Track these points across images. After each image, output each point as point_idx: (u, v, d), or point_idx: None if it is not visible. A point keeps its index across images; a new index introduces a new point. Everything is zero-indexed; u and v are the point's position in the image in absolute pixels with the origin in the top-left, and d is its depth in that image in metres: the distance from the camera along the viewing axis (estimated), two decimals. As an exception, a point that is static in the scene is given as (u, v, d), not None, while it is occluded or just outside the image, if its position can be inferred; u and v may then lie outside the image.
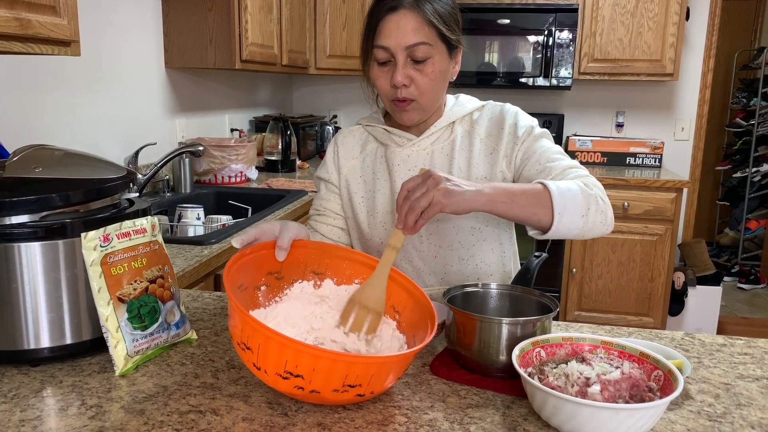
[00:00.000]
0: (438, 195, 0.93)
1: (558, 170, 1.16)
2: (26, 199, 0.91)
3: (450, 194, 0.94)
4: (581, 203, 1.04)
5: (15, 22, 1.22)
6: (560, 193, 1.02)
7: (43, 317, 0.94)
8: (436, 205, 0.94)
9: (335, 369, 0.78)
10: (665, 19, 3.33)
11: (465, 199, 0.96)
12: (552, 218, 1.02)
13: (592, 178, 1.14)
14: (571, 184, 1.05)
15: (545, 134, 1.26)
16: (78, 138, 2.08)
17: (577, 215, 1.04)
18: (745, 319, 4.02)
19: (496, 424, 0.82)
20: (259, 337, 0.80)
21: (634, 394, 0.80)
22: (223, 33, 2.49)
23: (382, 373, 0.82)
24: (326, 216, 1.34)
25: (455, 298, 1.03)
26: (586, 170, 1.17)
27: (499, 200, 0.99)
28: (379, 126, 1.31)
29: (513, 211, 1.01)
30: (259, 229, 1.03)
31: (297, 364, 0.78)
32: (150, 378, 0.93)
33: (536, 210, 1.02)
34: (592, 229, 1.07)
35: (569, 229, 1.04)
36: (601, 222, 1.07)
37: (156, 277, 1.01)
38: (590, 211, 1.05)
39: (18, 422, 0.81)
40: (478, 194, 0.97)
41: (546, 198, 1.02)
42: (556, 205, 1.02)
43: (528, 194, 1.02)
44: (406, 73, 1.15)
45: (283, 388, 0.82)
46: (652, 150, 3.65)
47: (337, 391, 0.80)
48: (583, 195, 1.05)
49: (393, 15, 1.14)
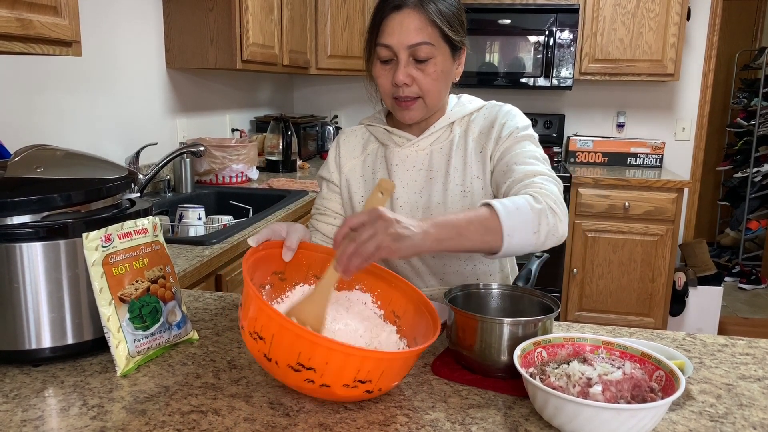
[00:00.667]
0: (387, 240, 0.88)
1: (519, 174, 1.13)
2: (28, 200, 0.91)
3: (398, 239, 0.89)
4: (531, 220, 1.00)
5: (16, 22, 1.22)
6: (507, 213, 0.98)
7: (45, 317, 0.94)
8: (384, 251, 0.88)
9: (348, 363, 0.79)
10: (666, 19, 3.33)
11: (413, 243, 0.91)
12: (501, 241, 0.98)
13: (549, 187, 1.08)
14: (518, 201, 1.02)
15: (530, 137, 1.22)
16: (79, 138, 2.08)
17: (529, 232, 1.00)
18: (746, 319, 4.02)
19: (498, 424, 0.82)
20: (273, 326, 0.80)
21: (635, 394, 0.80)
22: (224, 33, 2.49)
23: (392, 369, 0.83)
24: (327, 215, 1.34)
25: (456, 298, 1.03)
26: (550, 179, 1.12)
27: (446, 238, 0.95)
28: (380, 126, 1.31)
29: (462, 245, 0.97)
30: (270, 229, 1.03)
31: (311, 357, 0.78)
32: (151, 378, 0.93)
33: (485, 238, 0.98)
34: (545, 243, 1.04)
35: (522, 247, 1.01)
36: (553, 235, 1.04)
37: (157, 277, 1.01)
38: (541, 226, 1.01)
39: (20, 422, 0.81)
40: (424, 236, 0.92)
41: (494, 222, 0.98)
42: (504, 228, 0.97)
43: (474, 223, 0.97)
44: (407, 72, 1.15)
45: (293, 382, 0.82)
46: (653, 150, 3.65)
47: (347, 387, 0.80)
48: (532, 211, 1.01)
49: (397, 14, 1.14)
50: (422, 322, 0.98)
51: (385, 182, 0.99)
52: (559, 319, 3.37)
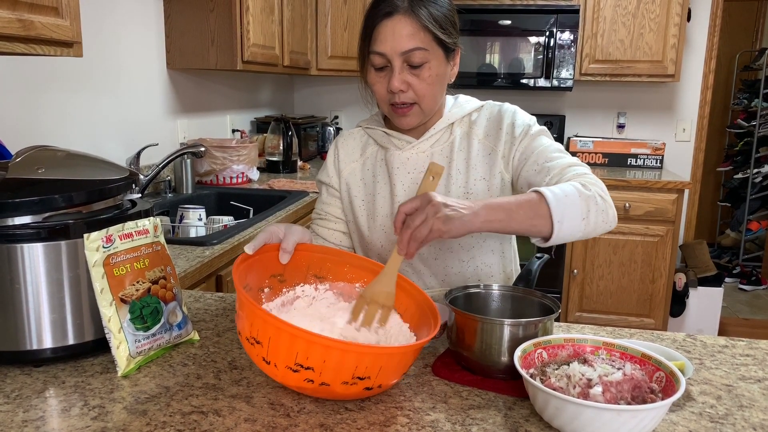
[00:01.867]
0: (438, 223, 0.93)
1: (557, 169, 1.15)
2: (29, 200, 0.92)
3: (449, 221, 0.94)
4: (580, 206, 1.03)
5: (17, 23, 1.22)
6: (557, 199, 1.01)
7: (46, 318, 0.94)
8: (435, 233, 0.94)
9: (346, 360, 0.79)
10: (666, 20, 3.33)
11: (463, 223, 0.95)
12: (552, 227, 1.01)
13: (591, 175, 1.12)
14: (567, 188, 1.04)
15: (543, 132, 1.24)
16: (80, 139, 2.08)
17: (578, 219, 1.02)
18: (747, 320, 4.02)
19: (498, 425, 0.82)
20: (270, 329, 0.80)
21: (636, 395, 0.80)
22: (225, 34, 2.49)
23: (390, 364, 0.83)
24: (328, 220, 1.34)
25: (457, 299, 1.03)
26: (586, 167, 1.16)
27: (496, 219, 0.98)
28: (378, 129, 1.31)
29: (511, 227, 1.00)
30: (267, 232, 1.03)
31: (308, 356, 0.79)
32: (152, 379, 0.94)
33: (534, 222, 1.01)
34: (595, 229, 1.06)
35: (572, 233, 1.03)
36: (603, 221, 1.07)
37: (158, 277, 1.02)
38: (590, 212, 1.04)
39: (21, 423, 0.81)
40: (474, 216, 0.96)
41: (543, 207, 1.00)
42: (554, 214, 1.00)
43: (524, 207, 1.00)
44: (402, 79, 1.15)
45: (293, 382, 0.83)
46: (654, 151, 3.65)
47: (347, 384, 0.81)
48: (581, 197, 1.03)
49: (388, 20, 1.13)
50: (423, 318, 0.98)
51: (434, 165, 1.01)
52: (560, 320, 3.37)
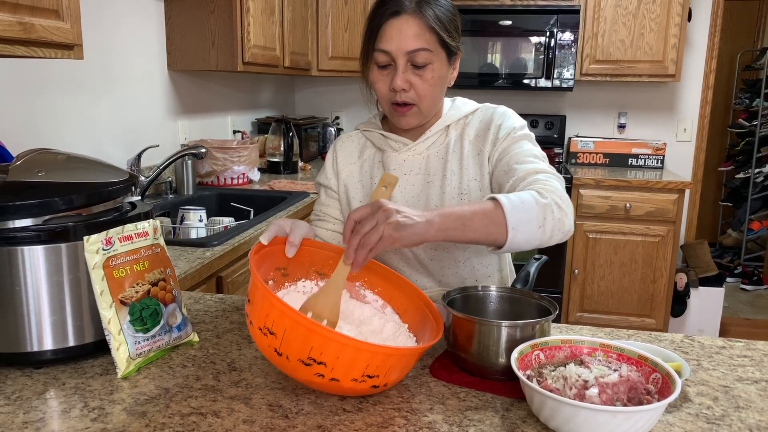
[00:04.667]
0: (388, 229, 0.90)
1: (521, 173, 1.13)
2: (29, 203, 0.92)
3: (400, 228, 0.91)
4: (536, 214, 1.01)
5: (18, 26, 1.23)
6: (513, 206, 0.99)
7: (46, 320, 0.95)
8: (386, 240, 0.91)
9: (359, 358, 0.81)
10: (667, 20, 3.33)
11: (415, 232, 0.93)
12: (506, 234, 0.99)
13: (553, 183, 1.10)
14: (524, 195, 1.02)
15: (527, 137, 1.23)
16: (81, 140, 2.09)
17: (534, 226, 1.01)
18: (748, 320, 4.02)
19: (495, 426, 0.82)
20: (286, 321, 0.81)
21: (632, 396, 0.81)
22: (225, 35, 2.50)
23: (399, 364, 0.85)
24: (326, 221, 1.35)
25: (455, 300, 1.03)
26: (553, 176, 1.13)
27: (450, 227, 0.96)
28: (376, 131, 1.32)
29: (466, 236, 0.98)
30: (276, 225, 1.04)
31: (322, 351, 0.80)
32: (152, 380, 0.94)
33: (490, 230, 0.99)
34: (551, 238, 1.04)
35: (527, 241, 1.01)
36: (558, 229, 1.04)
37: (158, 279, 1.02)
38: (546, 220, 1.02)
39: (21, 424, 0.81)
40: (428, 225, 0.94)
41: (499, 215, 0.99)
42: (509, 220, 0.98)
43: (479, 215, 0.98)
44: (405, 78, 1.16)
45: (302, 376, 0.84)
46: (655, 151, 3.65)
47: (356, 381, 0.82)
48: (537, 205, 1.01)
49: (395, 20, 1.14)
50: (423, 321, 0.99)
51: (388, 176, 1.01)
52: (560, 320, 3.37)
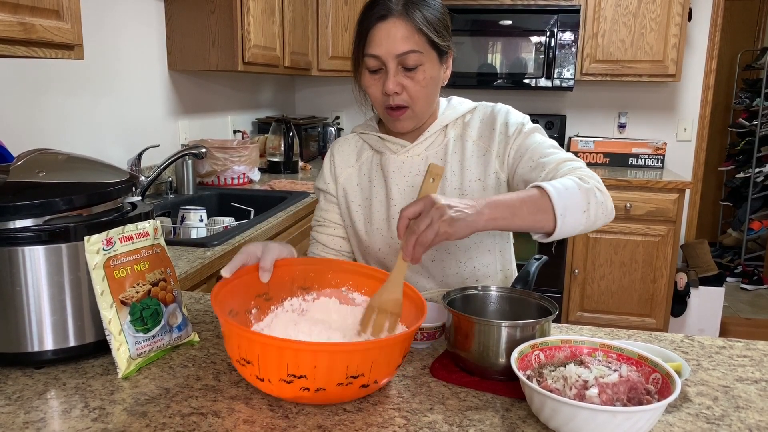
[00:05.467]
0: (444, 226, 0.92)
1: (552, 165, 1.15)
2: (30, 203, 0.92)
3: (454, 223, 0.93)
4: (580, 199, 1.03)
5: (19, 26, 1.23)
6: (558, 193, 1.01)
7: (47, 320, 0.95)
8: (442, 236, 0.93)
9: (336, 361, 0.80)
10: (667, 19, 3.33)
11: (468, 223, 0.94)
12: (555, 221, 1.01)
13: (586, 169, 1.13)
14: (567, 182, 1.04)
15: (537, 129, 1.25)
16: (82, 140, 2.09)
17: (579, 212, 1.03)
18: (748, 319, 4.02)
19: (495, 426, 0.82)
20: (256, 346, 0.82)
21: (631, 396, 0.81)
22: (226, 35, 2.50)
23: (381, 358, 0.84)
24: (326, 226, 1.35)
25: (455, 300, 1.04)
26: (580, 162, 1.16)
27: (500, 216, 0.98)
28: (373, 133, 1.32)
29: (515, 224, 1.00)
30: (245, 254, 1.04)
31: (298, 365, 0.80)
32: (152, 380, 0.94)
33: (538, 217, 1.01)
34: (596, 222, 1.07)
35: (574, 227, 1.03)
36: (603, 213, 1.07)
37: (158, 280, 1.02)
38: (590, 205, 1.04)
39: (22, 424, 0.82)
40: (478, 215, 0.96)
41: (545, 202, 1.01)
42: (557, 207, 1.00)
43: (527, 203, 1.00)
44: (397, 81, 1.16)
45: (289, 394, 0.83)
46: (655, 151, 3.65)
47: (342, 385, 0.82)
48: (580, 190, 1.04)
49: (383, 23, 1.14)
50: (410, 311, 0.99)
51: (434, 167, 1.01)
52: (560, 320, 3.37)
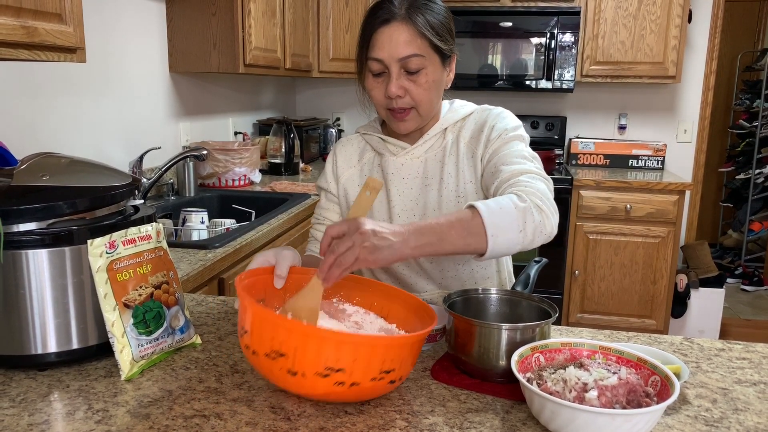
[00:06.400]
0: (363, 252, 0.90)
1: (505, 174, 1.13)
2: (33, 207, 0.93)
3: (375, 251, 0.91)
4: (515, 219, 1.00)
5: (21, 29, 1.24)
6: (491, 213, 0.98)
7: (50, 322, 0.96)
8: (362, 262, 0.91)
9: (375, 354, 0.81)
10: (667, 21, 3.34)
11: (392, 253, 0.92)
12: (486, 242, 0.98)
13: (536, 185, 1.08)
14: (502, 201, 1.02)
15: (519, 138, 1.22)
16: (84, 143, 2.10)
17: (514, 231, 1.00)
18: (748, 321, 4.02)
19: (496, 428, 0.83)
20: (296, 338, 0.81)
21: (631, 399, 0.81)
22: (227, 37, 2.51)
23: (410, 354, 0.86)
24: (325, 225, 1.36)
25: (455, 303, 1.04)
26: (538, 177, 1.12)
27: (426, 243, 0.95)
28: (375, 135, 1.33)
29: (445, 249, 0.97)
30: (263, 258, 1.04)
31: (338, 357, 0.80)
32: (155, 382, 0.95)
33: (468, 240, 0.98)
34: (533, 241, 1.03)
35: (508, 247, 1.00)
36: (540, 232, 1.03)
37: (161, 282, 1.03)
38: (527, 224, 1.01)
39: (26, 426, 0.82)
40: (403, 244, 0.93)
41: (477, 223, 0.98)
42: (488, 228, 0.97)
43: (457, 226, 0.97)
44: (400, 84, 1.16)
45: (322, 390, 0.83)
46: (655, 152, 3.65)
47: (375, 380, 0.83)
48: (516, 210, 1.01)
49: (386, 27, 1.15)
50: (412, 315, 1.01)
51: (372, 180, 0.98)
52: (561, 321, 3.38)
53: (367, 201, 0.98)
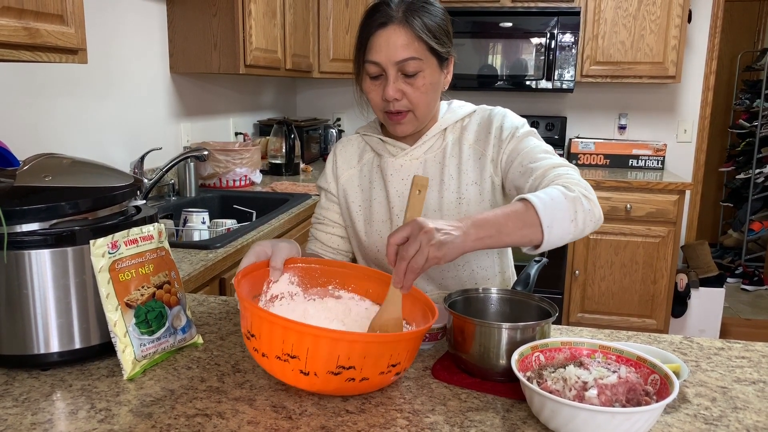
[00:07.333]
0: (432, 250, 0.91)
1: (540, 171, 1.14)
2: (36, 208, 0.94)
3: (443, 246, 0.92)
4: (567, 209, 1.03)
5: (23, 31, 1.24)
6: (544, 205, 1.01)
7: (53, 322, 0.96)
8: (432, 261, 0.92)
9: (383, 350, 0.84)
10: (667, 21, 3.34)
11: (456, 246, 0.94)
12: (542, 233, 1.00)
13: (574, 175, 1.12)
14: (552, 192, 1.04)
15: (531, 133, 1.24)
16: (85, 143, 2.10)
17: (566, 222, 1.03)
18: (749, 320, 4.03)
19: (496, 427, 0.84)
20: (307, 339, 0.82)
21: (630, 397, 0.82)
22: (228, 38, 2.51)
23: (415, 346, 0.90)
24: (325, 224, 1.37)
25: (456, 302, 1.05)
26: (570, 167, 1.15)
27: (486, 235, 0.97)
28: (374, 135, 1.33)
29: (503, 241, 0.99)
30: (254, 252, 1.05)
31: (349, 356, 0.83)
32: (157, 382, 0.95)
33: (525, 231, 1.00)
34: (584, 230, 1.06)
35: (562, 237, 1.03)
36: (590, 220, 1.07)
37: (163, 282, 1.03)
38: (578, 213, 1.04)
39: (29, 425, 0.83)
40: (465, 237, 0.95)
41: (531, 215, 1.00)
42: (543, 219, 1.00)
43: (512, 218, 1.00)
44: (397, 87, 1.17)
45: (333, 387, 0.85)
46: (655, 152, 3.66)
47: (383, 374, 0.86)
48: (567, 200, 1.03)
49: (383, 31, 1.15)
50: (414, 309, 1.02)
51: (419, 179, 0.99)
52: (561, 321, 3.38)
53: (419, 200, 0.99)
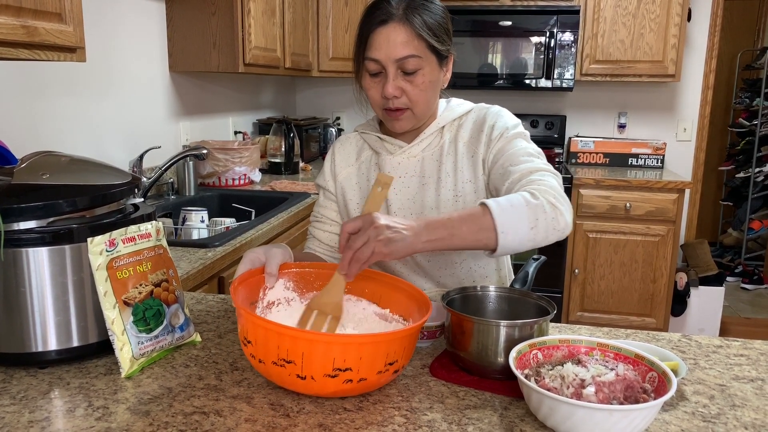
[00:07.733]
0: (379, 246, 0.93)
1: (516, 175, 1.14)
2: (34, 206, 0.93)
3: (390, 243, 0.94)
4: (526, 216, 1.01)
5: (22, 29, 1.24)
6: (501, 210, 1.00)
7: (51, 320, 0.96)
8: (377, 255, 0.94)
9: (378, 350, 0.84)
10: (667, 20, 3.34)
11: (405, 245, 0.95)
12: (496, 239, 1.00)
13: (549, 182, 1.09)
14: (514, 198, 1.03)
15: (521, 135, 1.23)
16: (84, 142, 2.10)
17: (525, 228, 1.01)
18: (748, 319, 4.03)
19: (494, 424, 0.83)
20: (301, 344, 0.83)
21: (628, 395, 0.82)
22: (227, 37, 2.51)
23: (411, 343, 0.90)
24: (324, 223, 1.37)
25: (454, 300, 1.05)
26: (549, 174, 1.13)
27: (438, 237, 0.98)
28: (372, 133, 1.33)
29: (455, 244, 1.00)
30: (248, 259, 1.05)
31: (345, 358, 0.83)
32: (155, 380, 0.95)
33: (479, 236, 1.00)
34: (546, 238, 1.04)
35: (520, 243, 1.02)
36: (553, 229, 1.04)
37: (161, 280, 1.03)
38: (539, 221, 1.02)
39: (27, 423, 0.83)
40: (415, 237, 0.96)
41: (487, 219, 1.00)
42: (498, 224, 0.99)
43: (468, 222, 1.00)
44: (396, 85, 1.17)
45: (331, 389, 0.85)
46: (655, 151, 3.66)
47: (381, 373, 0.86)
48: (528, 207, 1.02)
49: (383, 28, 1.15)
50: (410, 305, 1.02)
51: (383, 176, 1.01)
52: (560, 320, 3.38)
53: (380, 196, 1.01)
